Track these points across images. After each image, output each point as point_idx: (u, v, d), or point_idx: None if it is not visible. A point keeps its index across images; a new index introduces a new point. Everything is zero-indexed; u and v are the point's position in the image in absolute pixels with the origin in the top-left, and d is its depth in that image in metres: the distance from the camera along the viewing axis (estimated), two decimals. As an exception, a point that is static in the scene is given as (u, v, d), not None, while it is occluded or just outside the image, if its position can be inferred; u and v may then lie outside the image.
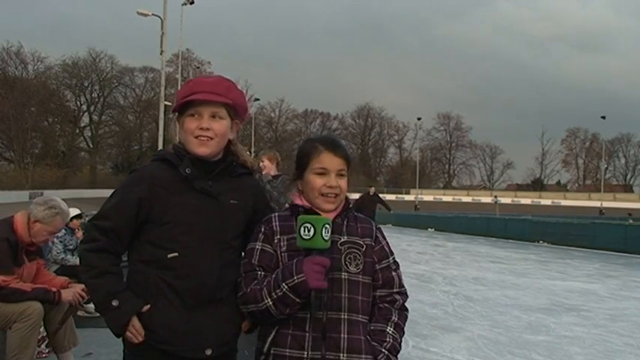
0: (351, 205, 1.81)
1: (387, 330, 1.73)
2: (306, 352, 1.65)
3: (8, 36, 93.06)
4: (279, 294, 1.62)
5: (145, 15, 26.84)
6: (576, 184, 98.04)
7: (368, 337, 1.70)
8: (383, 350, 1.69)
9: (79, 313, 3.96)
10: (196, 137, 1.75)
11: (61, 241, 6.22)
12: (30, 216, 3.43)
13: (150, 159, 1.88)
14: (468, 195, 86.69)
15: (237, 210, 1.81)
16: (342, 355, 1.65)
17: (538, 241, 19.68)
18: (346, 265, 1.70)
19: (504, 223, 24.41)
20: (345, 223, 1.77)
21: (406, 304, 1.86)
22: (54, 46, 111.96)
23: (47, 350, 4.04)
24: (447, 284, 8.78)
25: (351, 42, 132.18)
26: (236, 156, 1.85)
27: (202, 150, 1.75)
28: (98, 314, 1.79)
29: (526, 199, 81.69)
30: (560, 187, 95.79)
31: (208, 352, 1.73)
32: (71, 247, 6.32)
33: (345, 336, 1.66)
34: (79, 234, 6.44)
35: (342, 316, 1.67)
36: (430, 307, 6.67)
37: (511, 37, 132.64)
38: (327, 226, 1.61)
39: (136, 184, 1.75)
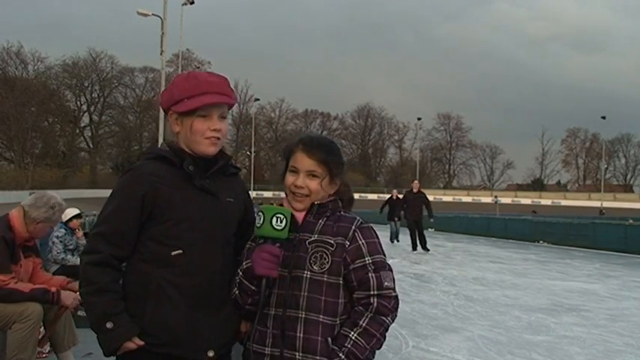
0: (326, 202, 1.76)
1: (350, 335, 1.64)
2: (267, 348, 1.66)
3: (8, 36, 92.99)
4: (238, 281, 1.70)
5: (145, 15, 26.85)
6: (576, 184, 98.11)
7: (329, 339, 1.65)
8: (339, 355, 1.62)
9: (79, 312, 3.95)
10: (207, 138, 1.75)
11: (61, 241, 6.24)
12: (27, 213, 3.44)
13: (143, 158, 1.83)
14: (468, 195, 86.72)
15: (233, 208, 1.81)
16: (297, 354, 1.64)
17: (538, 241, 19.66)
18: (310, 264, 1.68)
19: (504, 223, 24.41)
20: (321, 221, 1.73)
21: (405, 303, 1.84)
22: (54, 46, 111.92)
23: (47, 350, 4.04)
24: (447, 284, 8.77)
25: (351, 42, 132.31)
26: (227, 154, 1.86)
27: (212, 150, 1.76)
28: None
29: (526, 199, 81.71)
30: (560, 187, 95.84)
31: (210, 353, 1.71)
32: (71, 247, 6.33)
33: (301, 335, 1.64)
34: (79, 234, 6.45)
35: (300, 315, 1.65)
36: (430, 307, 6.66)
37: (510, 37, 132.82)
38: (279, 215, 1.63)
39: (136, 182, 1.71)
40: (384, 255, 1.75)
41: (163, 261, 1.68)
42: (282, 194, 1.83)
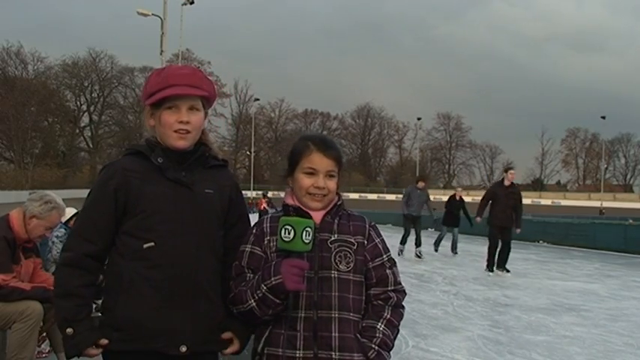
0: (339, 202, 1.79)
1: (378, 326, 1.71)
2: (298, 352, 1.65)
3: (8, 36, 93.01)
4: (260, 295, 1.64)
5: (145, 15, 26.88)
6: (576, 184, 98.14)
7: (359, 334, 1.69)
8: (373, 346, 1.68)
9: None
10: (175, 131, 1.74)
11: (61, 241, 6.22)
12: (26, 212, 3.44)
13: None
14: (468, 195, 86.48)
15: (212, 200, 1.79)
16: (334, 353, 1.65)
17: (538, 241, 19.66)
18: (336, 263, 1.70)
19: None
20: (336, 221, 1.76)
21: (405, 303, 1.84)
22: (54, 46, 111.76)
23: (47, 350, 4.05)
24: (447, 284, 8.78)
25: (351, 42, 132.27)
26: (207, 146, 1.84)
27: (181, 143, 1.75)
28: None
29: (526, 199, 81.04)
30: (560, 187, 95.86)
31: (183, 348, 1.68)
32: (71, 247, 6.32)
33: (337, 334, 1.66)
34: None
35: (333, 315, 1.67)
36: (430, 307, 6.67)
37: (508, 37, 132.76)
38: (308, 229, 1.62)
39: (109, 177, 1.73)
40: None
41: (136, 254, 1.68)
42: (282, 194, 1.83)
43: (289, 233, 1.61)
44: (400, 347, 4.75)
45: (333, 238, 1.72)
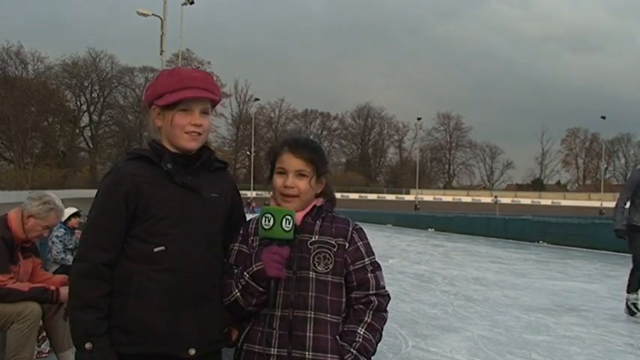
0: (320, 204, 1.78)
1: (358, 330, 1.71)
2: (273, 349, 1.67)
3: (8, 36, 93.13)
4: (243, 283, 1.68)
5: (145, 15, 26.90)
6: (576, 184, 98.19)
7: (337, 337, 1.69)
8: (351, 350, 1.68)
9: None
10: (187, 132, 1.75)
11: (60, 241, 6.25)
12: (24, 211, 3.43)
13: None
14: (467, 195, 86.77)
15: (218, 203, 1.81)
16: (307, 353, 1.66)
17: (538, 241, 19.66)
18: (314, 264, 1.71)
19: (504, 223, 24.39)
20: (318, 222, 1.76)
21: (405, 303, 1.85)
22: (54, 46, 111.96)
23: (47, 350, 4.04)
24: (447, 284, 8.77)
25: (350, 42, 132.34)
26: (210, 149, 1.85)
27: (192, 145, 1.76)
28: None
29: (526, 199, 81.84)
30: (560, 187, 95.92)
31: (192, 351, 1.69)
32: (71, 246, 6.33)
33: (311, 334, 1.67)
34: (79, 234, 6.45)
35: (309, 315, 1.68)
36: (430, 307, 6.66)
37: (506, 37, 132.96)
38: (288, 217, 1.65)
39: (118, 182, 1.71)
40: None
41: (146, 258, 1.68)
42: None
43: (269, 221, 1.65)
44: (400, 347, 4.75)
45: (313, 239, 1.73)
